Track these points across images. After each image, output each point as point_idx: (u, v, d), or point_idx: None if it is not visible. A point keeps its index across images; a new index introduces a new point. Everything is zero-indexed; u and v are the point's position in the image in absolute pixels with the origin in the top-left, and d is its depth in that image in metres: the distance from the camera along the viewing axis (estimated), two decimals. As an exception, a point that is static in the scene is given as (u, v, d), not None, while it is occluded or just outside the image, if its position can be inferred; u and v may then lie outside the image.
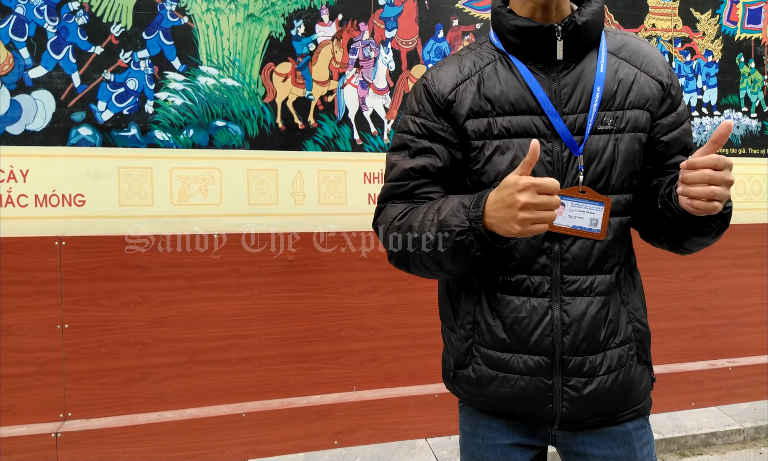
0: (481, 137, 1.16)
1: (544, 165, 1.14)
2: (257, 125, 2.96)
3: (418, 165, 1.20)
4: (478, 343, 1.21)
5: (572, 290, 1.15)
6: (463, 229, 1.07)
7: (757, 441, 3.35)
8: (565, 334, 1.15)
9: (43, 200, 2.72)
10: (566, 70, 1.16)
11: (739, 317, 3.68)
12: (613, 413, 1.20)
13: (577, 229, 1.14)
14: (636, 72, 1.18)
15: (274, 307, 2.93)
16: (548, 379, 1.16)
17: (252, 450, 2.84)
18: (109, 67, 2.77)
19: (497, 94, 1.16)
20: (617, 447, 1.22)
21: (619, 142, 1.15)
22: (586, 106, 1.15)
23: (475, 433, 1.29)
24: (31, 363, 2.66)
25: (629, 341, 1.19)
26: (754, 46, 3.76)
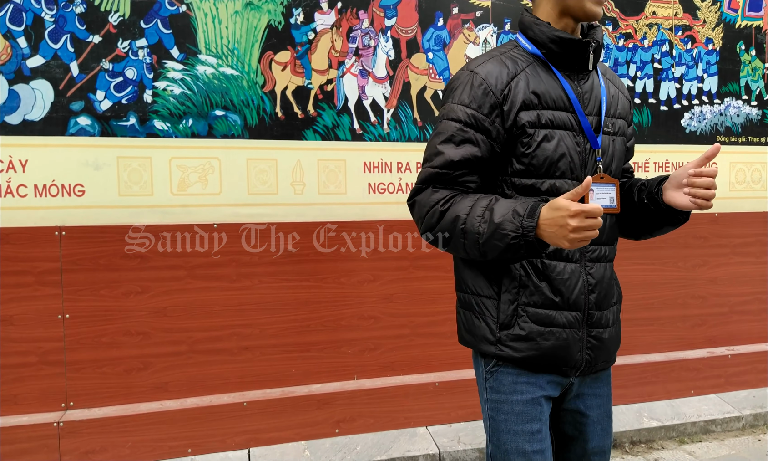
0: (533, 126, 1.36)
1: (577, 154, 1.39)
2: (256, 114, 2.95)
3: (463, 156, 1.36)
4: (525, 304, 1.40)
5: (594, 257, 1.43)
6: (517, 235, 1.27)
7: (756, 428, 3.36)
8: (591, 293, 1.42)
9: (43, 190, 2.72)
10: (585, 79, 1.44)
11: (739, 306, 3.69)
12: (610, 359, 1.52)
13: (605, 207, 1.39)
14: (617, 91, 1.53)
15: (274, 296, 2.93)
16: (579, 331, 1.42)
17: (253, 438, 2.85)
18: (108, 56, 2.75)
19: (542, 91, 1.38)
20: (603, 386, 1.54)
21: (615, 142, 1.48)
22: (599, 110, 1.44)
23: (514, 390, 1.44)
24: (33, 353, 2.66)
25: (618, 301, 1.53)
26: (754, 34, 3.74)
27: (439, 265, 3.09)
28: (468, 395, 3.08)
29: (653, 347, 3.53)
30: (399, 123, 3.15)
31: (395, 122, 3.15)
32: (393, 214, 3.14)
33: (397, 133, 3.15)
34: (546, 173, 1.37)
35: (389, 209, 3.15)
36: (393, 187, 3.16)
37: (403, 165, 3.17)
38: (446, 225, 1.36)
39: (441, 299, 3.12)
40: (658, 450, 3.11)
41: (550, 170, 1.37)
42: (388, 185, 3.15)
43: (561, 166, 1.37)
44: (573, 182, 1.38)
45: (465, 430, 3.04)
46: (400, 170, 3.17)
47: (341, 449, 2.87)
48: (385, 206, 3.15)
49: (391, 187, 3.16)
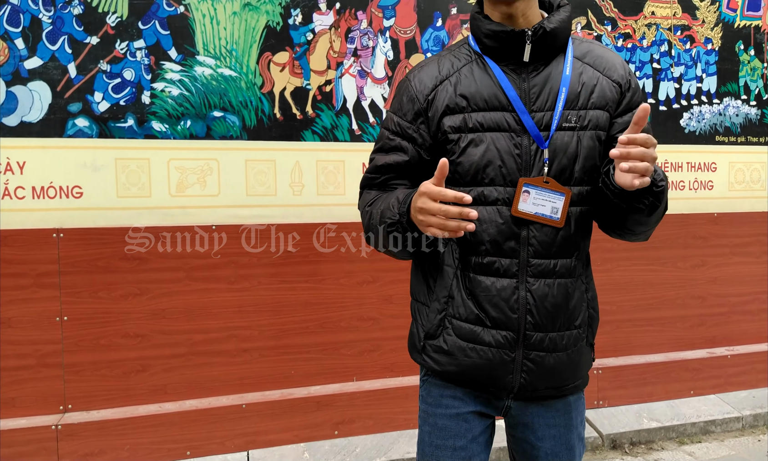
0: (457, 131, 1.28)
1: (513, 157, 1.26)
2: (255, 115, 2.94)
3: (388, 162, 1.36)
4: (451, 316, 1.33)
5: (537, 272, 1.28)
6: (393, 221, 1.25)
7: (756, 428, 3.36)
8: (530, 313, 1.28)
9: (41, 192, 2.71)
10: (535, 71, 1.29)
11: (738, 306, 3.69)
12: (561, 386, 1.36)
13: (539, 215, 1.26)
14: (599, 76, 1.31)
15: (273, 298, 2.93)
16: (512, 352, 1.30)
17: (252, 440, 2.84)
18: (106, 57, 2.75)
19: (472, 92, 1.29)
20: (559, 416, 1.39)
21: (582, 138, 1.28)
22: (552, 105, 1.27)
23: (438, 404, 1.39)
24: (31, 356, 2.65)
25: (584, 325, 1.35)
26: (753, 33, 3.74)
27: (439, 266, 3.08)
28: (467, 396, 3.07)
29: (653, 347, 3.53)
30: (398, 124, 3.14)
31: (394, 123, 3.14)
32: (392, 215, 3.13)
33: (396, 134, 3.14)
34: (473, 180, 1.28)
35: (388, 210, 3.14)
36: (392, 188, 3.15)
37: (402, 166, 3.16)
38: (368, 224, 1.35)
39: (440, 300, 3.11)
40: (657, 451, 3.11)
41: (477, 177, 1.27)
42: (387, 185, 3.15)
43: (489, 172, 1.26)
44: (507, 190, 1.26)
45: (465, 431, 3.03)
46: (399, 171, 3.16)
47: (340, 451, 2.86)
48: (384, 207, 3.14)
49: (390, 188, 3.15)
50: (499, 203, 1.27)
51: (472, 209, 1.14)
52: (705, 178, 3.70)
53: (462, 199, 1.11)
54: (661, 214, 1.28)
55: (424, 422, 1.41)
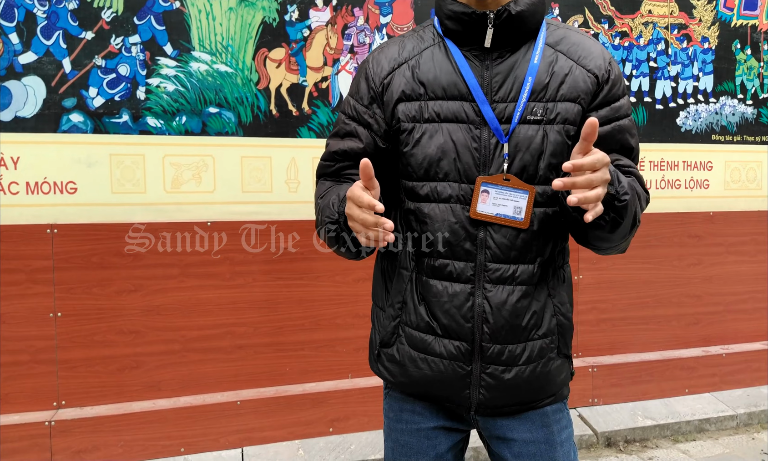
0: (412, 121, 1.18)
1: (470, 151, 1.15)
2: (251, 111, 2.93)
3: (342, 149, 1.25)
4: (405, 323, 1.23)
5: (495, 278, 1.17)
6: (332, 220, 1.15)
7: (750, 426, 3.37)
8: (486, 322, 1.17)
9: (35, 188, 2.69)
10: (500, 58, 1.17)
11: (734, 304, 3.69)
12: (529, 402, 1.23)
13: (501, 217, 1.15)
14: (572, 65, 1.18)
15: (268, 295, 2.92)
16: (467, 365, 1.19)
17: (247, 437, 2.84)
18: (100, 52, 2.73)
19: (431, 79, 1.18)
20: (536, 429, 1.25)
21: (548, 133, 1.15)
22: (516, 96, 1.15)
23: (399, 419, 1.30)
24: (24, 352, 2.64)
25: (551, 333, 1.21)
26: (750, 32, 3.74)
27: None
28: (463, 394, 3.07)
29: (648, 345, 3.53)
30: (394, 121, 3.14)
31: (390, 120, 3.13)
32: (388, 212, 3.13)
33: (392, 131, 3.14)
34: (426, 175, 1.17)
35: (384, 207, 3.14)
36: (388, 185, 3.14)
37: (398, 163, 3.15)
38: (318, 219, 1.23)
39: (436, 298, 3.11)
40: (652, 449, 3.11)
41: (430, 172, 1.17)
42: (383, 183, 3.14)
43: (443, 167, 1.15)
44: (462, 186, 1.16)
45: (460, 429, 3.03)
46: (395, 168, 3.15)
47: (335, 448, 2.86)
48: (380, 204, 3.13)
49: (386, 185, 3.14)
50: (452, 200, 1.16)
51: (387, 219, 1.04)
52: (701, 177, 3.70)
53: (374, 207, 1.00)
54: (627, 229, 1.14)
55: (387, 437, 1.34)
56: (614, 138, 1.20)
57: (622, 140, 1.21)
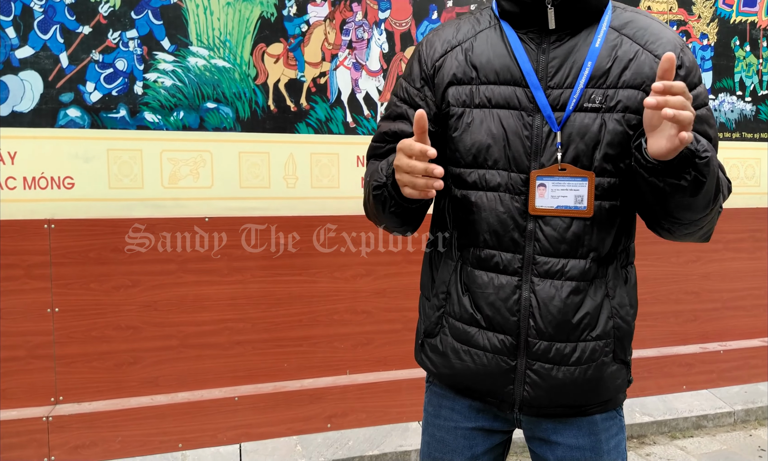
0: (462, 105, 1.15)
1: (521, 139, 1.11)
2: (248, 107, 2.92)
3: (392, 130, 1.23)
4: (448, 314, 1.20)
5: (542, 271, 1.12)
6: (379, 184, 1.14)
7: (748, 423, 3.38)
8: (532, 316, 1.12)
9: (32, 183, 2.69)
10: (558, 42, 1.11)
11: (731, 301, 3.70)
12: (577, 406, 1.17)
13: (563, 208, 1.10)
14: (638, 49, 1.10)
15: (266, 291, 2.92)
16: (512, 360, 1.14)
17: (245, 433, 2.84)
18: (98, 47, 2.72)
19: (483, 62, 1.14)
20: (582, 436, 1.19)
21: (607, 121, 1.09)
22: (573, 82, 1.10)
23: (437, 414, 1.28)
24: (21, 347, 2.64)
25: (607, 336, 1.15)
26: (749, 29, 3.74)
27: (433, 260, 3.08)
28: (461, 390, 3.08)
29: (645, 342, 3.54)
30: (392, 117, 3.13)
31: (389, 116, 3.13)
32: (386, 208, 3.12)
33: (390, 127, 3.13)
34: (474, 161, 1.13)
35: (382, 203, 3.13)
36: (386, 181, 3.14)
37: (396, 159, 3.15)
38: (366, 195, 1.23)
39: (434, 294, 3.11)
40: (650, 445, 3.12)
41: (478, 159, 1.13)
42: (382, 179, 3.13)
43: (493, 154, 1.11)
44: (511, 175, 1.11)
45: (457, 425, 3.03)
46: (393, 164, 3.15)
47: (333, 444, 2.86)
48: (379, 200, 3.13)
49: (385, 181, 3.14)
50: (501, 189, 1.12)
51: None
52: (699, 173, 3.70)
53: (426, 152, 0.98)
54: (710, 196, 1.04)
55: (424, 431, 1.32)
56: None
57: (700, 130, 1.10)
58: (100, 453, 2.66)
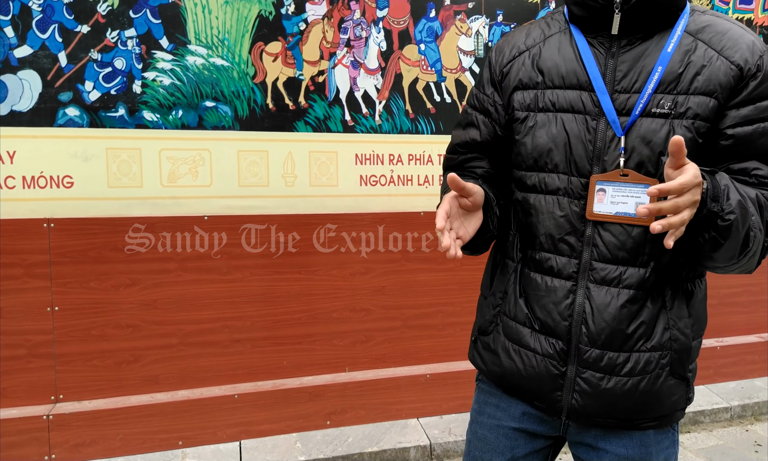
0: (526, 109, 1.16)
1: (584, 144, 1.10)
2: (247, 105, 2.93)
3: (463, 140, 1.26)
4: (503, 313, 1.22)
5: (599, 278, 1.10)
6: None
7: (744, 418, 3.40)
8: (585, 323, 1.11)
9: (31, 182, 2.69)
10: (629, 46, 1.10)
11: (728, 298, 3.72)
12: (628, 419, 1.14)
13: (622, 215, 1.07)
14: (713, 55, 1.06)
15: (266, 289, 2.92)
16: (562, 366, 1.13)
17: (245, 430, 2.85)
18: (96, 46, 2.72)
19: (550, 66, 1.15)
20: (632, 447, 1.16)
21: (676, 128, 1.05)
22: (641, 87, 1.08)
23: (482, 411, 1.29)
24: (22, 346, 2.64)
25: (663, 348, 1.11)
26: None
27: (431, 257, 3.09)
28: (459, 387, 3.09)
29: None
30: (391, 115, 3.14)
31: (387, 114, 3.14)
32: (385, 206, 3.13)
33: (388, 125, 3.14)
34: (535, 165, 1.14)
35: (381, 201, 3.14)
36: (385, 179, 3.15)
37: (395, 157, 3.16)
38: None
39: (432, 292, 3.13)
40: (647, 441, 3.14)
41: (539, 162, 1.13)
42: (380, 177, 3.15)
43: (554, 158, 1.12)
44: (571, 179, 1.11)
45: (456, 422, 3.05)
46: (391, 162, 3.16)
47: (333, 441, 2.87)
48: (377, 198, 3.14)
49: (383, 179, 3.15)
50: (560, 192, 1.12)
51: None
52: (696, 170, 3.71)
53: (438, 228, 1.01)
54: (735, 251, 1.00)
55: (469, 427, 1.33)
56: (755, 142, 1.06)
57: (766, 145, 1.06)
58: (100, 451, 2.67)
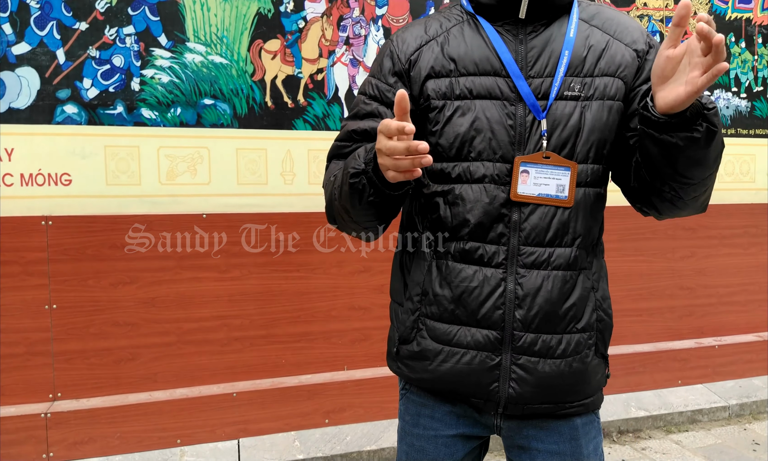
0: (442, 98, 1.13)
1: (505, 129, 1.10)
2: (246, 103, 2.92)
3: (361, 128, 1.18)
4: (425, 315, 1.16)
5: (528, 262, 1.11)
6: (357, 171, 1.06)
7: (742, 417, 3.40)
8: (518, 308, 1.10)
9: (29, 179, 2.68)
10: (534, 32, 1.13)
11: (726, 297, 3.72)
12: (561, 402, 1.16)
13: (544, 196, 1.10)
14: (608, 39, 1.14)
15: (264, 287, 2.92)
16: (496, 355, 1.12)
17: (243, 429, 2.85)
18: (95, 43, 2.72)
19: (461, 54, 1.13)
20: (563, 442, 1.18)
21: (587, 109, 1.11)
22: (553, 71, 1.11)
23: (416, 423, 1.24)
24: (20, 344, 2.64)
25: (591, 329, 1.15)
26: (744, 25, 3.75)
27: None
28: (458, 385, 3.09)
29: (641, 337, 3.56)
30: (390, 113, 3.14)
31: (386, 112, 3.13)
32: (383, 204, 3.13)
33: (387, 123, 3.14)
34: (458, 154, 1.12)
35: (380, 199, 3.14)
36: (383, 177, 3.14)
37: (393, 155, 3.15)
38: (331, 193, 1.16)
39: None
40: (645, 440, 3.14)
41: (462, 151, 1.11)
42: (379, 175, 3.14)
43: (477, 145, 1.10)
44: (497, 166, 1.10)
45: (454, 420, 3.05)
46: (390, 161, 3.15)
47: (331, 439, 2.87)
48: (376, 196, 3.14)
49: (382, 177, 3.14)
50: (486, 180, 1.11)
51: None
52: (695, 170, 3.71)
53: (404, 129, 0.92)
54: (719, 148, 1.03)
55: (401, 440, 1.28)
56: None
57: None
58: (98, 449, 2.66)
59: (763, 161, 3.87)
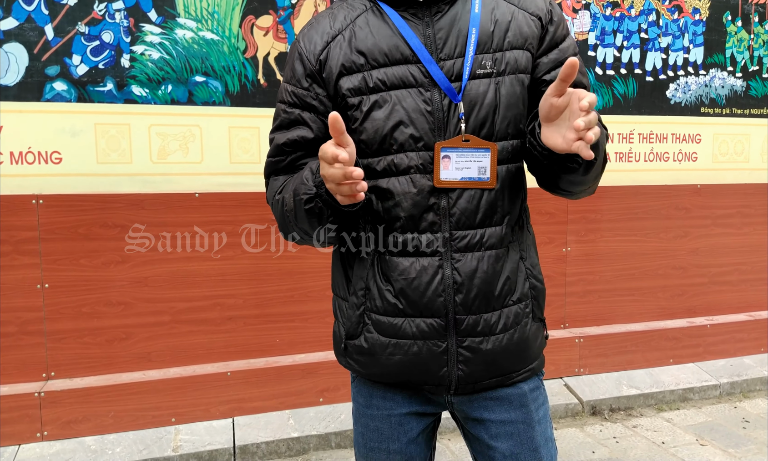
0: (357, 94, 1.11)
1: (424, 116, 1.09)
2: (238, 80, 2.89)
3: (290, 139, 1.16)
4: (370, 310, 1.17)
5: (462, 246, 1.11)
6: (310, 196, 1.05)
7: (733, 396, 3.44)
8: (458, 293, 1.12)
9: (19, 158, 2.65)
10: (440, 13, 1.11)
11: (719, 276, 3.74)
12: (509, 372, 1.19)
13: (467, 180, 1.10)
14: (513, 10, 1.14)
15: (257, 266, 2.91)
16: (442, 342, 1.13)
17: (238, 407, 2.86)
18: (84, 19, 2.67)
19: (370, 46, 1.11)
20: (513, 409, 1.20)
21: (500, 85, 1.10)
22: (463, 51, 1.10)
23: (369, 404, 1.25)
24: (12, 323, 2.63)
25: (526, 298, 1.18)
26: (741, 4, 3.73)
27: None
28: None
29: (633, 316, 3.58)
30: (384, 91, 3.11)
31: (380, 91, 3.10)
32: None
33: (381, 101, 3.11)
34: (380, 148, 1.10)
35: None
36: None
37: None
38: (282, 214, 1.15)
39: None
40: (636, 418, 3.17)
41: (384, 145, 1.10)
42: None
43: (398, 137, 1.09)
44: (420, 154, 1.09)
45: (448, 398, 3.07)
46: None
47: (325, 417, 2.88)
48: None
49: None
50: (412, 171, 1.10)
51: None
52: (689, 149, 3.71)
53: (337, 157, 0.92)
54: (600, 169, 1.11)
55: (356, 421, 1.30)
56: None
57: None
58: (92, 428, 2.67)
59: (757, 141, 3.87)
